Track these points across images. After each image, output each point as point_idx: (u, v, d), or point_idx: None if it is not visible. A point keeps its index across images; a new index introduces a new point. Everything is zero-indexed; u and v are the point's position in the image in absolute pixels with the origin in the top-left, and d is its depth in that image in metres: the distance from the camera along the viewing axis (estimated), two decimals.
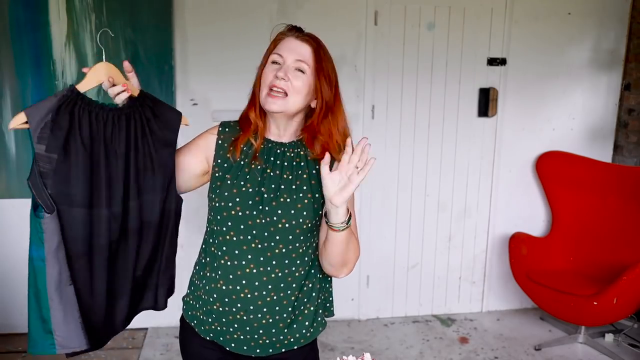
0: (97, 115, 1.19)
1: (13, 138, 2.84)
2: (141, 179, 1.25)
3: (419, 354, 2.99)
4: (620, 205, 3.12)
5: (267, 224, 1.28)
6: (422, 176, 3.28)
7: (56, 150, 1.15)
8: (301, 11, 2.96)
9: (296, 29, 1.32)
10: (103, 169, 1.20)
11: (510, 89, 3.27)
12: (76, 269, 1.20)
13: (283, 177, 1.31)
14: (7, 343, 2.93)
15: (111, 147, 1.20)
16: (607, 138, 3.47)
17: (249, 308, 1.30)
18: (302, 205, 1.29)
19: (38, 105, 1.16)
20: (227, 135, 1.36)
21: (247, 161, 1.32)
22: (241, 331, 1.33)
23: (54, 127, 1.15)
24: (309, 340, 1.40)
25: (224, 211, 1.29)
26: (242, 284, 1.30)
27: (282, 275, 1.31)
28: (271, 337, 1.34)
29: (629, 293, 2.77)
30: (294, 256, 1.32)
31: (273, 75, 1.28)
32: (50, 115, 1.15)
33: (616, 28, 3.34)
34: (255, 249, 1.29)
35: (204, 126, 1.47)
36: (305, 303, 1.37)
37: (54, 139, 1.15)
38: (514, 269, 3.19)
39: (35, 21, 2.75)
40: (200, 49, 2.91)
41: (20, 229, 2.93)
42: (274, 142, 1.35)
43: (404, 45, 3.11)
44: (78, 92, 1.19)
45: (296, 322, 1.36)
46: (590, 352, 3.02)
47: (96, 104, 1.20)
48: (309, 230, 1.32)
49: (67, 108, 1.17)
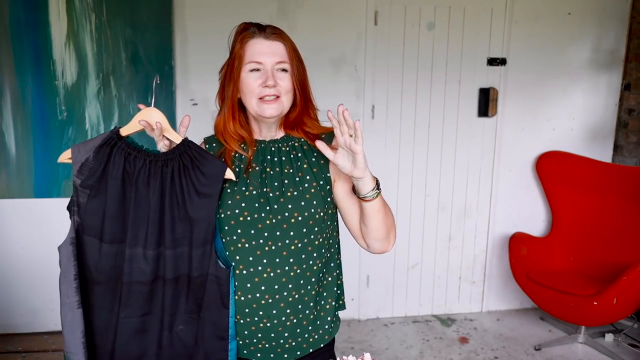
0: (134, 159, 1.24)
1: (13, 138, 2.84)
2: (178, 229, 1.24)
3: (419, 354, 2.99)
4: (620, 205, 3.11)
5: (279, 223, 1.26)
6: (422, 176, 3.28)
7: (89, 186, 1.23)
8: (301, 11, 2.96)
9: (257, 28, 1.28)
10: (131, 210, 1.23)
11: (510, 89, 3.27)
12: (94, 294, 1.27)
13: (284, 172, 1.30)
14: (7, 343, 2.93)
15: (144, 191, 1.23)
16: (607, 138, 3.47)
17: (272, 313, 1.27)
18: (310, 195, 1.28)
19: (85, 143, 1.25)
20: (214, 150, 1.35)
21: (243, 167, 1.31)
22: (266, 339, 1.29)
23: (92, 166, 1.23)
24: (332, 335, 1.38)
25: (232, 220, 1.26)
26: (261, 290, 1.26)
27: (301, 272, 1.29)
28: (297, 337, 1.31)
29: (629, 293, 2.77)
30: (310, 249, 1.29)
31: (259, 84, 1.26)
32: (92, 153, 1.23)
33: (616, 28, 3.34)
34: (269, 252, 1.26)
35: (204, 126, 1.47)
36: (326, 297, 1.35)
37: (88, 177, 1.23)
38: (514, 269, 3.19)
39: (35, 21, 2.75)
40: (200, 49, 2.91)
41: (20, 229, 2.94)
42: (265, 141, 1.34)
43: (404, 45, 3.11)
44: (119, 134, 1.25)
45: (319, 319, 1.34)
46: (590, 352, 3.02)
47: (135, 147, 1.25)
48: (321, 220, 1.30)
49: (106, 148, 1.23)
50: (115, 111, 2.88)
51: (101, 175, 1.23)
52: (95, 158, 1.22)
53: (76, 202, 1.24)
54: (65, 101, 2.84)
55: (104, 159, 1.22)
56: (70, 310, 1.25)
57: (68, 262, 1.24)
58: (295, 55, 1.29)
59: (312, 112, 1.36)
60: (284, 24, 2.86)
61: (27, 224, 2.94)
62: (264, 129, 1.34)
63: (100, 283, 1.26)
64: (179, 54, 2.92)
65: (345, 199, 1.34)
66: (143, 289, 1.25)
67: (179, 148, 1.24)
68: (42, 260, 2.91)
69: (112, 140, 1.23)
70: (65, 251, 1.24)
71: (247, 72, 1.27)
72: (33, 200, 2.90)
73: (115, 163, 1.23)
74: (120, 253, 1.24)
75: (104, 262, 1.25)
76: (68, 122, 2.86)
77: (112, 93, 2.86)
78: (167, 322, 1.28)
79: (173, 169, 1.23)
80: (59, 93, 2.83)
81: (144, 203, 1.23)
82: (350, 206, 1.33)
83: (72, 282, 1.24)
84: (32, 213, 2.93)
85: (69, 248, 1.24)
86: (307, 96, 1.33)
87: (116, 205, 1.23)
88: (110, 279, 1.26)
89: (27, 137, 2.85)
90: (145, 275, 1.24)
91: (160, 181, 1.23)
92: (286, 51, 1.27)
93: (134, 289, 1.25)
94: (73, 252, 1.24)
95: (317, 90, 1.47)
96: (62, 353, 1.31)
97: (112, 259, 1.25)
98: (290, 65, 1.27)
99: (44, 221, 2.92)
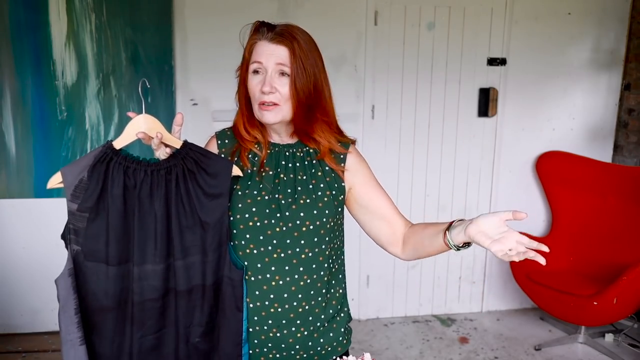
0: (135, 171, 1.15)
1: (13, 138, 2.84)
2: (188, 238, 1.18)
3: (419, 354, 2.99)
4: (620, 205, 3.11)
5: (290, 230, 1.23)
6: (422, 176, 3.28)
7: (88, 209, 1.13)
8: (301, 10, 2.96)
9: (267, 28, 1.23)
10: (136, 227, 1.15)
11: (510, 89, 3.27)
12: (106, 322, 1.19)
13: (298, 179, 1.26)
14: (7, 343, 2.93)
15: (148, 204, 1.15)
16: (607, 138, 3.47)
17: (282, 323, 1.25)
18: (323, 204, 1.25)
19: (74, 163, 1.14)
20: (227, 147, 1.30)
21: (256, 170, 1.27)
22: (276, 349, 1.27)
23: (88, 186, 1.13)
24: (345, 348, 1.35)
25: (241, 224, 1.23)
26: (270, 298, 1.23)
27: (311, 282, 1.26)
28: (308, 350, 1.28)
29: (629, 293, 2.77)
30: (321, 259, 1.26)
31: (259, 89, 1.22)
32: (85, 173, 1.13)
33: (616, 28, 3.34)
34: (278, 259, 1.23)
35: (204, 126, 1.46)
36: (338, 308, 1.32)
37: (85, 199, 1.13)
38: (514, 269, 3.19)
39: (35, 21, 2.75)
40: (200, 49, 2.91)
41: (20, 229, 2.94)
42: (280, 145, 1.30)
43: (404, 45, 3.11)
44: (114, 148, 1.15)
45: (331, 330, 1.31)
46: (590, 352, 3.02)
47: (133, 159, 1.16)
48: (332, 229, 1.28)
49: (102, 166, 1.14)
50: (115, 111, 2.87)
51: (100, 195, 1.13)
52: (90, 178, 1.13)
53: (72, 229, 1.14)
54: (65, 101, 2.84)
55: (100, 177, 1.13)
56: (72, 347, 1.16)
57: (67, 295, 1.15)
58: (301, 59, 1.21)
59: (326, 121, 1.28)
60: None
61: (27, 224, 2.94)
62: (272, 133, 1.31)
63: (112, 309, 1.17)
64: (179, 54, 2.92)
65: (370, 204, 1.31)
66: (155, 304, 1.19)
67: (180, 152, 1.17)
68: (42, 260, 2.91)
69: (106, 156, 1.14)
70: (64, 284, 1.15)
71: (250, 74, 1.24)
72: (33, 200, 2.90)
73: (114, 180, 1.13)
74: (127, 272, 1.17)
75: (113, 286, 1.16)
76: (68, 122, 2.86)
77: (112, 93, 2.86)
78: (182, 335, 1.22)
79: (177, 175, 1.16)
80: (59, 93, 2.83)
81: (148, 216, 1.15)
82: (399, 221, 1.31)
83: (72, 317, 1.15)
84: (32, 213, 2.93)
85: (68, 280, 1.14)
86: (315, 105, 1.25)
87: (120, 224, 1.14)
88: (121, 303, 1.18)
89: (27, 137, 2.85)
90: (157, 291, 1.18)
91: (164, 190, 1.16)
92: (289, 55, 1.20)
93: (146, 307, 1.18)
94: (72, 284, 1.14)
95: None
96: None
97: (121, 281, 1.17)
98: (291, 70, 1.20)
99: (44, 221, 2.92)
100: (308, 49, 1.23)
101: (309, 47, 1.24)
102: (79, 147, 2.88)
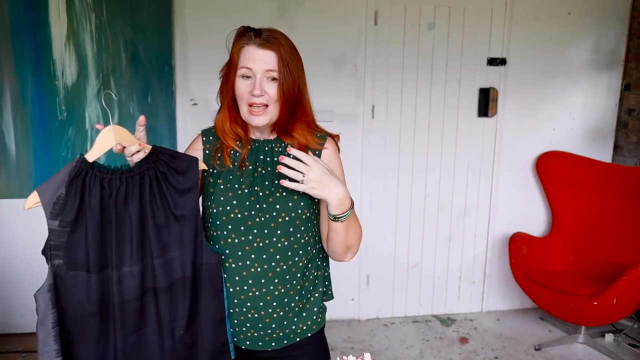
0: (110, 181, 1.20)
1: (13, 138, 2.84)
2: (164, 236, 1.24)
3: (419, 354, 2.99)
4: (620, 205, 3.11)
5: (267, 221, 1.32)
6: (422, 176, 3.28)
7: (69, 224, 1.18)
8: (301, 10, 2.96)
9: (254, 33, 1.29)
10: (113, 233, 1.21)
11: (510, 89, 3.27)
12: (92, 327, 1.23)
13: (276, 173, 1.32)
14: (7, 343, 2.93)
15: (123, 210, 1.21)
16: (607, 138, 3.47)
17: (259, 305, 1.34)
18: (298, 197, 1.33)
19: (49, 181, 1.18)
20: (212, 143, 1.39)
21: (237, 165, 1.36)
22: (254, 328, 1.36)
23: (66, 202, 1.17)
24: (320, 325, 1.45)
25: (223, 215, 1.32)
26: (249, 283, 1.33)
27: (287, 268, 1.35)
28: (284, 328, 1.38)
29: (629, 293, 2.77)
30: (296, 247, 1.35)
31: (248, 92, 1.29)
32: (63, 190, 1.17)
33: (616, 28, 3.34)
34: (257, 248, 1.32)
35: (204, 126, 1.47)
36: (312, 290, 1.42)
37: (66, 214, 1.17)
38: (514, 269, 3.19)
39: (35, 21, 2.75)
40: (201, 49, 2.91)
41: (20, 229, 2.94)
42: (260, 140, 1.38)
43: (404, 45, 3.11)
44: (87, 161, 1.20)
45: (305, 310, 1.40)
46: (590, 352, 3.02)
47: (108, 170, 1.21)
48: (308, 219, 1.36)
49: (78, 180, 1.18)
50: (115, 111, 2.87)
51: (79, 209, 1.18)
52: (68, 194, 1.17)
53: (53, 245, 1.19)
54: (65, 101, 2.84)
55: (78, 191, 1.17)
56: (49, 359, 1.20)
57: (46, 309, 1.19)
58: (288, 64, 1.28)
59: (305, 120, 1.37)
60: (283, 24, 2.87)
61: (27, 224, 2.94)
62: (255, 131, 1.39)
63: (95, 315, 1.22)
64: (179, 54, 2.92)
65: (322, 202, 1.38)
66: (135, 305, 1.24)
67: (151, 156, 1.24)
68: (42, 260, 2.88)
69: (82, 171, 1.18)
70: (43, 298, 1.19)
71: (239, 78, 1.31)
72: None
73: (91, 192, 1.18)
74: (107, 278, 1.22)
75: (95, 292, 1.21)
76: (68, 122, 2.86)
77: (112, 93, 2.86)
78: (167, 330, 1.28)
79: (150, 178, 1.23)
80: (59, 93, 2.83)
81: (124, 221, 1.21)
82: (323, 210, 1.38)
83: (50, 330, 1.19)
84: (32, 213, 2.91)
85: (47, 295, 1.19)
86: (296, 105, 1.33)
87: (98, 233, 1.19)
88: (103, 307, 1.23)
89: (27, 137, 2.85)
90: (135, 292, 1.23)
91: (138, 194, 1.21)
92: (276, 60, 1.27)
93: (126, 308, 1.23)
94: (51, 299, 1.19)
95: (317, 90, 1.47)
96: None
97: (102, 287, 1.22)
98: (279, 74, 1.28)
99: (44, 221, 2.90)
100: (292, 53, 1.31)
101: (292, 51, 1.31)
102: (79, 147, 2.88)
